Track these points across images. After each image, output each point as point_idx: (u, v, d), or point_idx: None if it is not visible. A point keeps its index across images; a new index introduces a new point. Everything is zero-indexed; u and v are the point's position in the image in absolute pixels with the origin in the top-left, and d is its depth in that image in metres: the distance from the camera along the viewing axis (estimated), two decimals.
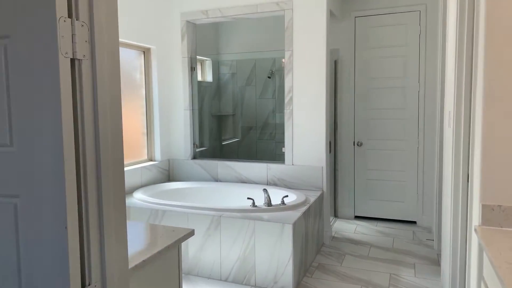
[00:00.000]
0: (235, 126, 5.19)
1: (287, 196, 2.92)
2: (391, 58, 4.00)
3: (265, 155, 4.98)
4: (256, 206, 2.85)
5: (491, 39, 1.49)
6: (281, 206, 2.86)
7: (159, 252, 1.29)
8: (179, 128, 3.98)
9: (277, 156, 4.94)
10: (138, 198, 3.20)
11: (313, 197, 3.23)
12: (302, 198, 3.06)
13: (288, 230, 2.56)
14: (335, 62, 4.16)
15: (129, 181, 3.46)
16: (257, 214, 2.77)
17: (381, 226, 3.99)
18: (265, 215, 2.74)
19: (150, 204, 3.06)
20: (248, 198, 2.88)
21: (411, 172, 4.03)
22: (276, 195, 3.34)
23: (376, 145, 4.14)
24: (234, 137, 5.19)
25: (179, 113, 3.97)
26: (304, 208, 2.91)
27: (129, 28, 3.42)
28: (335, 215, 4.34)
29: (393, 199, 4.12)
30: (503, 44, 1.47)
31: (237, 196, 3.55)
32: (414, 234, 3.75)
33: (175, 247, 1.36)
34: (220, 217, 2.74)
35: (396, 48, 3.97)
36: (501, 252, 1.23)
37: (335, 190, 4.32)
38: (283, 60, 3.52)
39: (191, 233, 1.43)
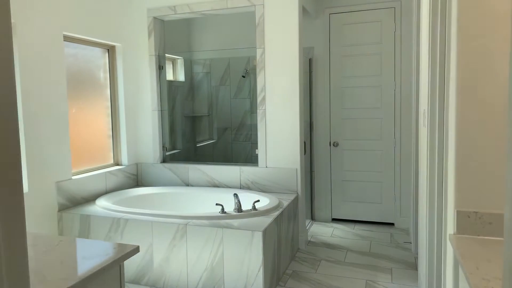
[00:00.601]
0: (210, 127, 5.01)
1: (258, 201, 2.76)
2: (366, 56, 3.91)
3: (241, 157, 4.82)
4: (225, 212, 2.69)
5: (463, 33, 1.37)
6: (252, 211, 2.70)
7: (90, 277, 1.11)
8: (147, 130, 3.78)
9: (253, 158, 4.78)
10: (101, 205, 2.98)
11: (287, 200, 3.08)
12: (275, 202, 2.91)
13: (258, 238, 2.40)
14: (310, 61, 4.04)
15: (92, 187, 3.24)
16: (226, 221, 2.60)
17: (358, 229, 3.88)
18: (235, 222, 2.57)
19: (112, 212, 2.86)
20: (217, 204, 2.71)
21: (388, 172, 3.94)
22: (248, 200, 3.19)
23: (352, 145, 4.03)
24: (209, 139, 5.01)
25: (147, 114, 3.77)
26: (276, 213, 2.76)
27: (92, 25, 3.21)
28: (312, 218, 4.21)
29: (370, 201, 4.03)
30: (476, 37, 1.36)
31: (207, 202, 3.38)
32: (392, 236, 3.66)
33: (112, 267, 1.18)
34: (186, 225, 2.57)
35: (371, 46, 3.88)
36: (478, 266, 1.11)
37: (311, 192, 4.19)
38: (255, 63, 3.37)
39: (134, 250, 1.25)
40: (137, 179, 3.82)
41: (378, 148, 3.95)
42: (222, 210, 2.69)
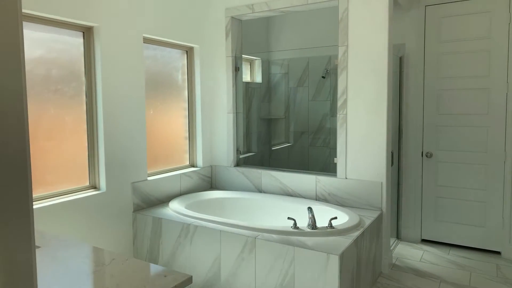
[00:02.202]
0: (286, 131, 4.79)
1: (335, 218, 2.46)
2: (470, 54, 3.33)
3: (318, 164, 4.51)
4: (297, 227, 2.44)
5: None
6: (328, 229, 2.41)
7: None
8: (222, 133, 3.69)
9: (331, 166, 4.45)
10: (173, 208, 2.95)
11: (369, 218, 2.72)
12: (355, 220, 2.58)
13: (334, 262, 2.11)
14: (400, 59, 3.58)
15: (167, 189, 3.23)
16: (298, 238, 2.35)
17: (454, 255, 3.33)
18: (308, 241, 2.31)
19: (183, 217, 2.79)
20: (289, 218, 2.47)
21: (494, 191, 3.32)
22: (324, 214, 2.89)
23: (449, 156, 3.48)
24: (285, 142, 4.79)
25: (222, 116, 3.68)
26: (356, 234, 2.43)
27: (171, 26, 3.20)
28: (397, 237, 3.74)
29: (470, 223, 3.43)
30: None
31: (279, 211, 3.16)
32: (498, 269, 3.05)
33: None
34: (256, 238, 2.37)
35: (477, 41, 3.29)
36: None
37: (397, 207, 3.73)
38: (337, 62, 3.06)
39: (186, 281, 1.08)
40: (211, 182, 3.76)
41: (483, 162, 3.34)
42: (295, 225, 2.45)
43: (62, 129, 2.57)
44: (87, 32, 2.67)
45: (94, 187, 2.77)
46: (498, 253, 3.34)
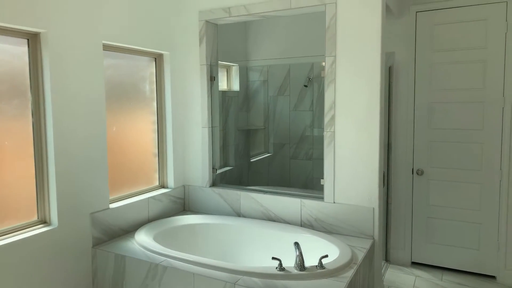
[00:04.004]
0: (266, 142, 4.47)
1: (326, 256, 2.15)
2: (464, 64, 3.11)
3: (300, 179, 4.22)
4: (283, 269, 2.11)
5: None
6: (318, 270, 2.10)
7: None
8: (196, 149, 3.32)
9: (314, 180, 4.17)
10: (139, 242, 2.56)
11: (361, 250, 2.44)
12: (347, 255, 2.28)
13: None
14: (389, 69, 3.32)
15: (133, 216, 2.84)
16: (285, 283, 2.03)
17: (448, 280, 3.11)
18: (296, 285, 1.99)
19: (150, 254, 2.42)
20: (273, 258, 2.14)
21: (489, 212, 3.11)
22: (310, 245, 2.58)
23: (441, 174, 3.25)
24: (265, 152, 4.46)
25: (196, 131, 3.31)
26: (350, 273, 2.13)
27: (136, 31, 2.81)
28: (386, 259, 3.49)
29: (464, 245, 3.22)
30: None
31: (261, 240, 2.83)
32: None
33: None
34: (235, 284, 2.03)
35: (472, 51, 3.07)
36: None
37: (386, 227, 3.48)
38: (323, 62, 2.75)
39: None
40: (183, 204, 3.38)
41: (477, 180, 3.13)
42: (280, 266, 2.12)
43: (1, 155, 2.14)
44: (33, 39, 2.25)
45: (44, 222, 2.35)
46: (493, 277, 3.14)
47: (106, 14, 2.59)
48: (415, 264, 3.41)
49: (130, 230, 2.83)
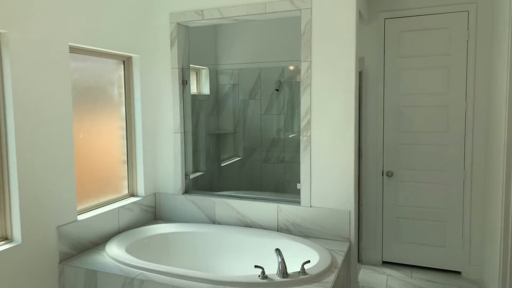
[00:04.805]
0: (237, 146, 4.43)
1: (308, 261, 2.15)
2: (430, 70, 3.25)
3: (272, 182, 4.22)
4: (266, 276, 2.08)
5: None
6: (301, 276, 2.09)
7: None
8: (167, 155, 3.22)
9: (286, 183, 4.18)
10: (111, 255, 2.43)
11: (339, 253, 2.46)
12: (327, 260, 2.29)
13: None
14: (360, 74, 3.40)
15: (102, 228, 2.69)
16: None
17: (417, 278, 3.22)
18: None
19: (124, 267, 2.29)
20: (255, 266, 2.11)
21: (454, 210, 3.27)
22: (290, 250, 2.57)
23: (410, 176, 3.38)
24: (235, 156, 4.42)
25: (167, 136, 3.20)
26: (332, 277, 2.14)
27: (104, 33, 2.67)
28: (359, 260, 3.57)
29: (431, 243, 3.36)
30: None
31: (239, 247, 2.78)
32: None
33: None
34: None
35: (437, 57, 3.22)
36: None
37: (358, 229, 3.55)
38: (299, 67, 2.76)
39: None
40: (155, 212, 3.26)
41: (442, 181, 3.28)
42: (263, 274, 2.09)
43: None
44: None
45: (6, 238, 2.16)
46: (459, 273, 3.30)
47: (73, 15, 2.44)
48: (386, 263, 3.51)
49: (100, 243, 2.68)
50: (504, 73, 2.51)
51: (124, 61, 3.02)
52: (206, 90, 4.27)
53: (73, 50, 2.53)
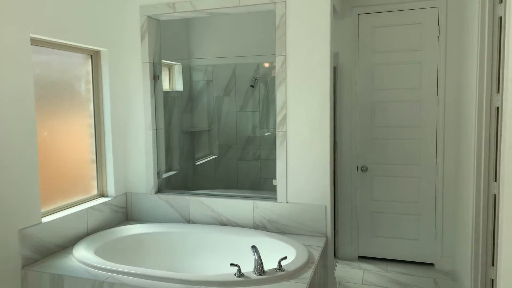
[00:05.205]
0: (212, 144, 4.35)
1: (285, 258, 2.11)
2: (403, 65, 3.28)
3: (249, 180, 4.16)
4: (242, 274, 2.03)
5: None
6: (278, 273, 2.05)
7: None
8: (139, 154, 3.10)
9: (262, 181, 4.14)
10: (79, 258, 2.30)
11: (316, 249, 2.44)
12: (304, 256, 2.26)
13: None
14: (334, 69, 3.40)
15: (69, 230, 2.55)
16: None
17: (393, 271, 3.25)
18: None
19: (92, 270, 2.18)
20: (231, 264, 2.05)
21: (427, 203, 3.32)
22: (267, 247, 2.53)
23: (384, 170, 3.41)
24: (210, 155, 4.34)
25: (139, 134, 3.09)
26: (309, 273, 2.11)
27: (70, 25, 2.53)
28: (335, 255, 3.57)
29: (405, 236, 3.40)
30: None
31: (215, 247, 2.71)
32: (436, 283, 3.03)
33: None
34: None
35: (409, 53, 3.26)
36: None
37: (334, 225, 3.55)
38: (274, 63, 2.72)
39: None
40: (126, 213, 3.14)
41: (415, 174, 3.33)
42: (239, 272, 2.03)
43: None
44: None
45: None
46: (432, 265, 3.35)
47: (35, 5, 2.29)
48: (361, 258, 3.53)
49: (67, 246, 2.54)
50: (473, 68, 2.56)
51: (91, 56, 2.89)
52: (179, 86, 4.17)
53: (35, 42, 2.39)
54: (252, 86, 4.04)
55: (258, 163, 4.20)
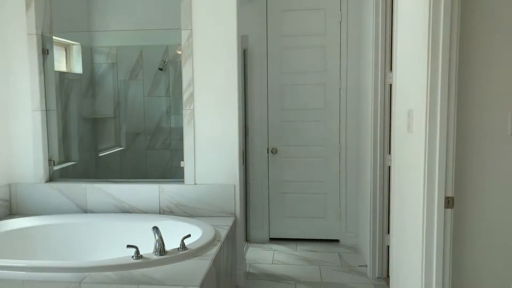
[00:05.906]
0: (117, 132, 4.03)
1: (189, 236, 2.00)
2: (309, 49, 3.39)
3: (158, 169, 3.95)
4: (141, 256, 1.87)
5: None
6: (180, 252, 1.93)
7: None
8: (25, 138, 2.72)
9: (173, 170, 3.95)
10: None
11: (223, 228, 2.37)
12: (210, 234, 2.18)
13: None
14: (244, 52, 3.38)
15: None
16: (142, 271, 1.79)
17: (301, 250, 3.34)
18: (156, 272, 1.78)
19: None
20: (128, 246, 1.87)
21: (332, 183, 3.48)
22: (173, 231, 2.39)
23: (292, 152, 3.49)
24: (116, 146, 4.02)
25: (24, 115, 2.71)
26: (214, 251, 2.03)
27: None
28: (247, 239, 3.56)
29: (313, 215, 3.52)
30: None
31: (116, 236, 2.48)
32: (341, 257, 3.18)
33: None
34: (81, 282, 1.69)
35: (314, 37, 3.38)
36: None
37: (246, 208, 3.54)
38: (179, 51, 2.58)
39: None
40: (10, 206, 2.73)
41: (321, 155, 3.46)
42: (137, 254, 1.87)
43: None
44: None
45: None
46: (337, 241, 3.52)
47: None
48: (273, 239, 3.57)
49: None
50: (369, 50, 2.73)
51: None
52: (78, 68, 3.78)
53: None
54: (161, 69, 3.84)
55: (168, 152, 4.01)
